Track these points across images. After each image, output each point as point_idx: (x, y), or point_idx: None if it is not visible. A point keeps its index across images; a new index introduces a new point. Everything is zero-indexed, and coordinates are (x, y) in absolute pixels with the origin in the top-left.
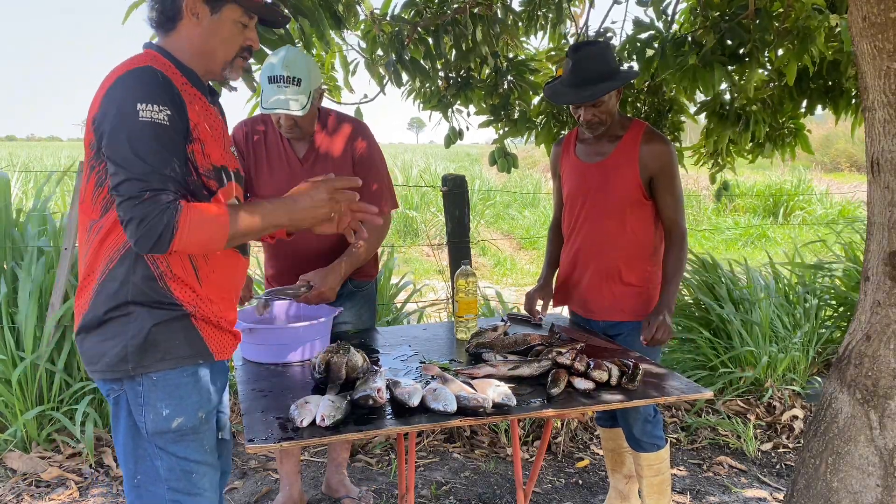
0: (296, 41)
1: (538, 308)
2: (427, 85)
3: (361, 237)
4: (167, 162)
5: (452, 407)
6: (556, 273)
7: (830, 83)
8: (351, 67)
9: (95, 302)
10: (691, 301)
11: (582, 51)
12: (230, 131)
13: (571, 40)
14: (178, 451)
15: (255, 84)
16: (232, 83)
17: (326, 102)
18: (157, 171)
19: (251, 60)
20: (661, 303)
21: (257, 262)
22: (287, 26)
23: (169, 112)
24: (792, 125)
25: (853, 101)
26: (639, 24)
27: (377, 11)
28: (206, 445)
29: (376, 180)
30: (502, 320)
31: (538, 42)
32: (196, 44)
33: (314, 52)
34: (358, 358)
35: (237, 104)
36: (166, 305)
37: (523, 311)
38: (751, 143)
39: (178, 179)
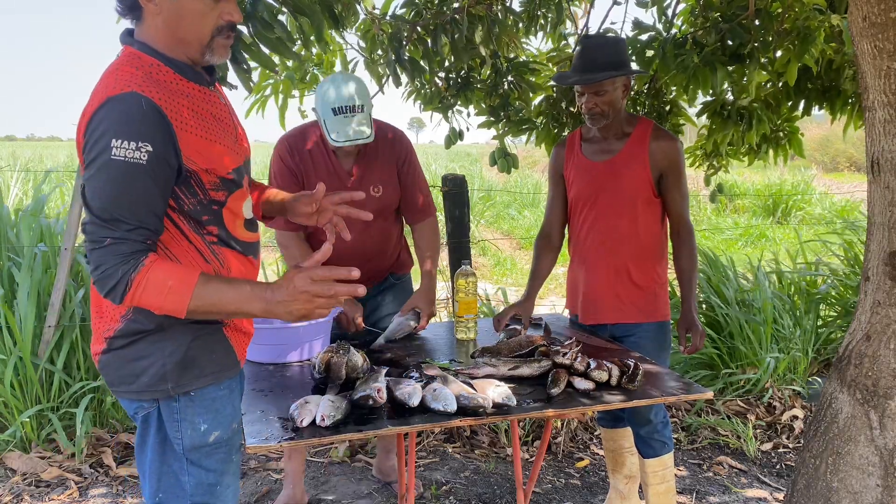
0: (295, 40)
1: (517, 326)
2: (427, 86)
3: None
4: (136, 206)
5: (452, 407)
6: (567, 276)
7: (828, 84)
8: (350, 67)
9: (126, 322)
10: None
11: (592, 38)
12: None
13: (571, 41)
14: (209, 465)
15: (251, 84)
16: (231, 82)
17: None
18: (123, 216)
19: (253, 63)
20: (688, 307)
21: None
22: (286, 25)
23: (150, 148)
24: (787, 127)
25: (849, 101)
26: (639, 25)
27: (377, 11)
28: (234, 456)
29: (421, 182)
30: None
31: (538, 42)
32: (165, 32)
33: (314, 51)
34: (358, 358)
35: (236, 98)
36: (203, 320)
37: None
38: (746, 146)
39: (148, 226)
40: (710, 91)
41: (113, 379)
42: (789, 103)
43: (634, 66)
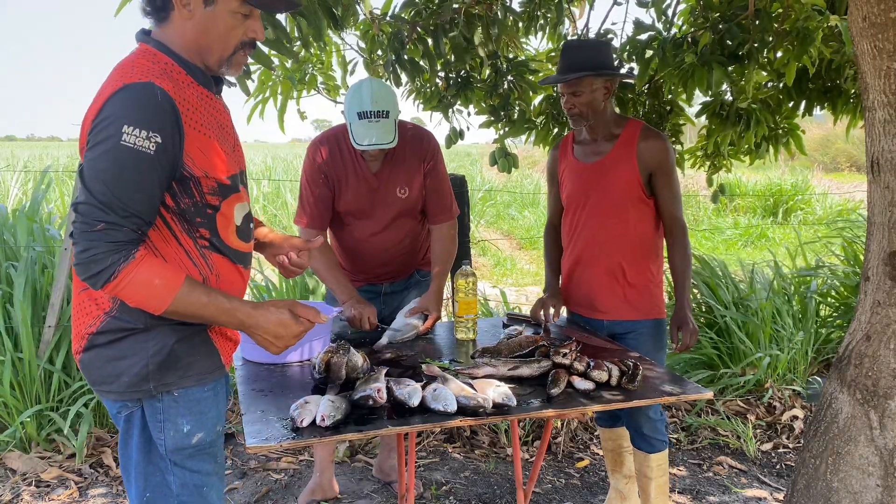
0: (294, 40)
1: (518, 326)
2: (427, 85)
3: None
4: (136, 196)
5: (452, 407)
6: (562, 275)
7: (829, 84)
8: (350, 67)
9: (109, 318)
10: (693, 301)
11: (575, 41)
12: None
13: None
14: (193, 466)
15: (249, 83)
16: (230, 79)
17: (324, 101)
18: (121, 202)
19: (252, 65)
20: (681, 305)
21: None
22: (285, 25)
23: (159, 140)
24: (786, 125)
25: (851, 101)
26: (639, 26)
27: (377, 11)
28: (219, 457)
29: (446, 184)
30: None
31: (538, 42)
32: (190, 38)
33: (312, 51)
34: (358, 358)
35: (236, 101)
36: (187, 321)
37: (524, 312)
38: (746, 146)
39: (143, 216)
40: (708, 90)
41: (95, 378)
42: (790, 104)
43: (625, 70)
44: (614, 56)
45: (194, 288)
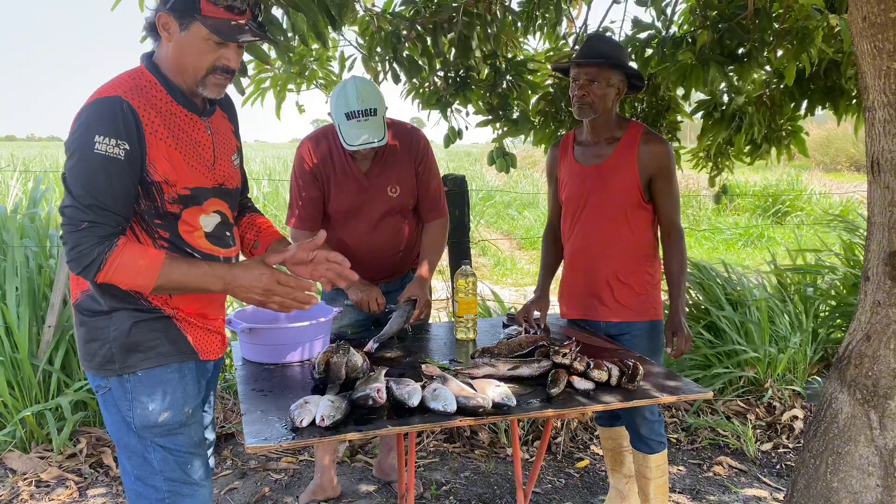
0: (291, 38)
1: (518, 327)
2: (426, 84)
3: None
4: (112, 196)
5: (452, 407)
6: (561, 277)
7: (831, 83)
8: (348, 63)
9: (85, 296)
10: (690, 302)
11: (598, 34)
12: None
13: (570, 41)
14: (167, 444)
15: (243, 87)
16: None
17: (324, 99)
18: (100, 203)
19: (247, 56)
20: (676, 311)
21: None
22: (282, 23)
23: (127, 147)
24: (790, 127)
25: (853, 101)
26: (638, 24)
27: (377, 8)
28: (196, 438)
29: (437, 182)
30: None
31: (536, 42)
32: (171, 58)
33: (314, 46)
34: (358, 358)
35: (235, 100)
36: (144, 309)
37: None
38: (748, 146)
39: (121, 213)
40: (705, 88)
41: (79, 353)
42: (792, 104)
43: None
44: None
45: (176, 261)
